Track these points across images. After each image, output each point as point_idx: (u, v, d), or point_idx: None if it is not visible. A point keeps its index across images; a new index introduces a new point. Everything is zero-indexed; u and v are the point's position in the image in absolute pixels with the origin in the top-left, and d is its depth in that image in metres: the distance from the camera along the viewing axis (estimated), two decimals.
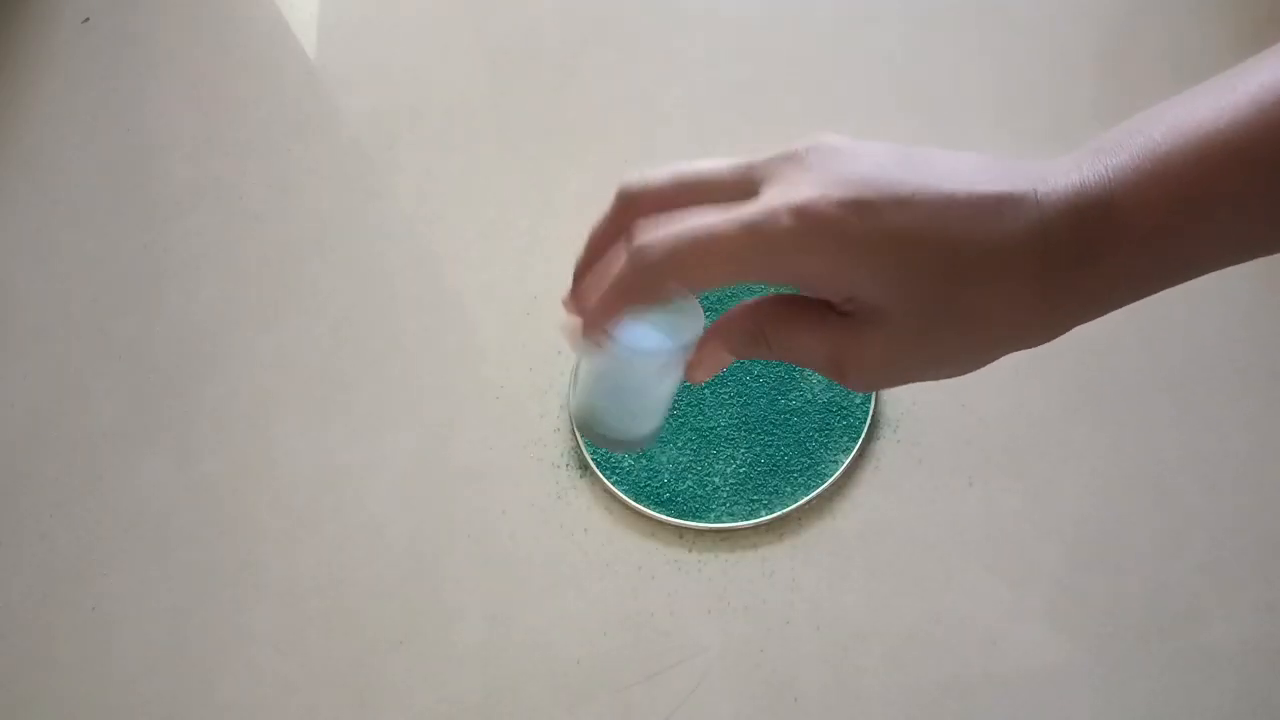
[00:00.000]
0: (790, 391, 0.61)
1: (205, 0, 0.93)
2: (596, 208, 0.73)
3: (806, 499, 0.58)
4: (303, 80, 0.85)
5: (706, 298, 0.65)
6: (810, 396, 0.61)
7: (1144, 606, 0.53)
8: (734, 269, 0.32)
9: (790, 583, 0.56)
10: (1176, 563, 0.54)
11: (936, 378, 0.34)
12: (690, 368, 0.37)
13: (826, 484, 0.58)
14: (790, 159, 0.32)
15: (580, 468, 0.61)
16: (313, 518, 0.63)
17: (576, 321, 0.36)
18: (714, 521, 0.58)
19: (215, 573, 0.62)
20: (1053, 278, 0.30)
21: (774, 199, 0.31)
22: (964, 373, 0.33)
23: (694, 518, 0.58)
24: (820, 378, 0.62)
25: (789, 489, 0.58)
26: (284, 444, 0.66)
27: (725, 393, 0.62)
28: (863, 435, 0.59)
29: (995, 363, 0.61)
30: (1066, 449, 0.58)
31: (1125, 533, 0.55)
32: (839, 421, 0.60)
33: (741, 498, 0.58)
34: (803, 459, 0.59)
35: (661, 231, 0.32)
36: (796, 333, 0.34)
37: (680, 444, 0.61)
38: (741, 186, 0.33)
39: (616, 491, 0.59)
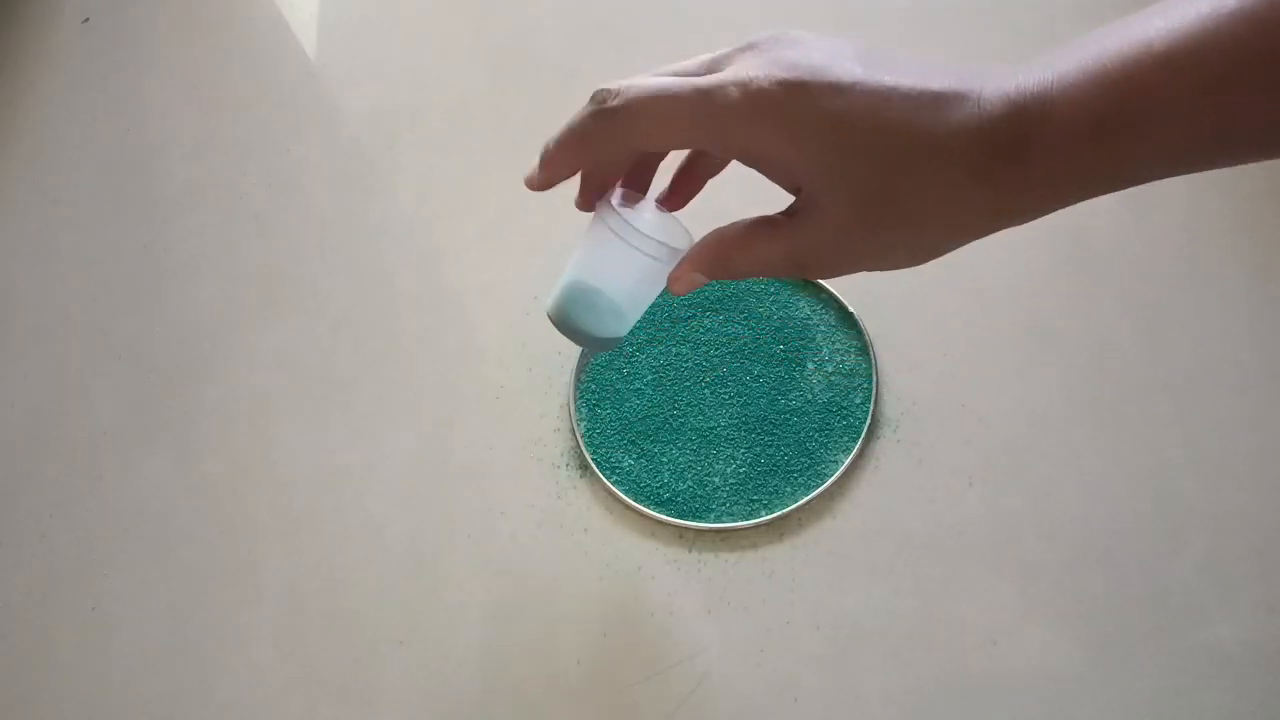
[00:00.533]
0: (790, 391, 0.61)
1: (205, 0, 0.94)
2: None
3: (806, 499, 0.58)
4: (303, 80, 0.85)
5: (703, 298, 0.65)
6: (810, 396, 0.61)
7: (1144, 606, 0.53)
8: (685, 130, 0.34)
9: (790, 583, 0.56)
10: (1176, 563, 0.54)
11: (889, 267, 0.36)
12: (671, 280, 0.40)
13: (826, 484, 0.58)
14: (749, 46, 0.35)
15: (580, 468, 0.61)
16: (313, 518, 0.63)
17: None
18: (714, 521, 0.58)
19: (215, 573, 0.62)
20: (989, 172, 0.31)
21: (728, 74, 0.34)
22: (916, 263, 0.35)
23: (694, 518, 0.58)
24: (820, 377, 0.62)
25: (789, 489, 0.58)
26: (284, 444, 0.66)
27: (725, 393, 0.62)
28: (863, 435, 0.59)
29: (995, 363, 0.62)
30: (1066, 449, 0.58)
31: (1125, 533, 0.55)
32: (839, 421, 0.60)
33: (741, 498, 0.58)
34: (803, 459, 0.59)
35: (624, 85, 0.35)
36: (754, 244, 0.37)
37: (680, 444, 0.61)
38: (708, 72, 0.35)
39: (616, 491, 0.59)
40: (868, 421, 0.60)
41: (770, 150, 0.33)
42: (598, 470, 0.60)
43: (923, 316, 0.64)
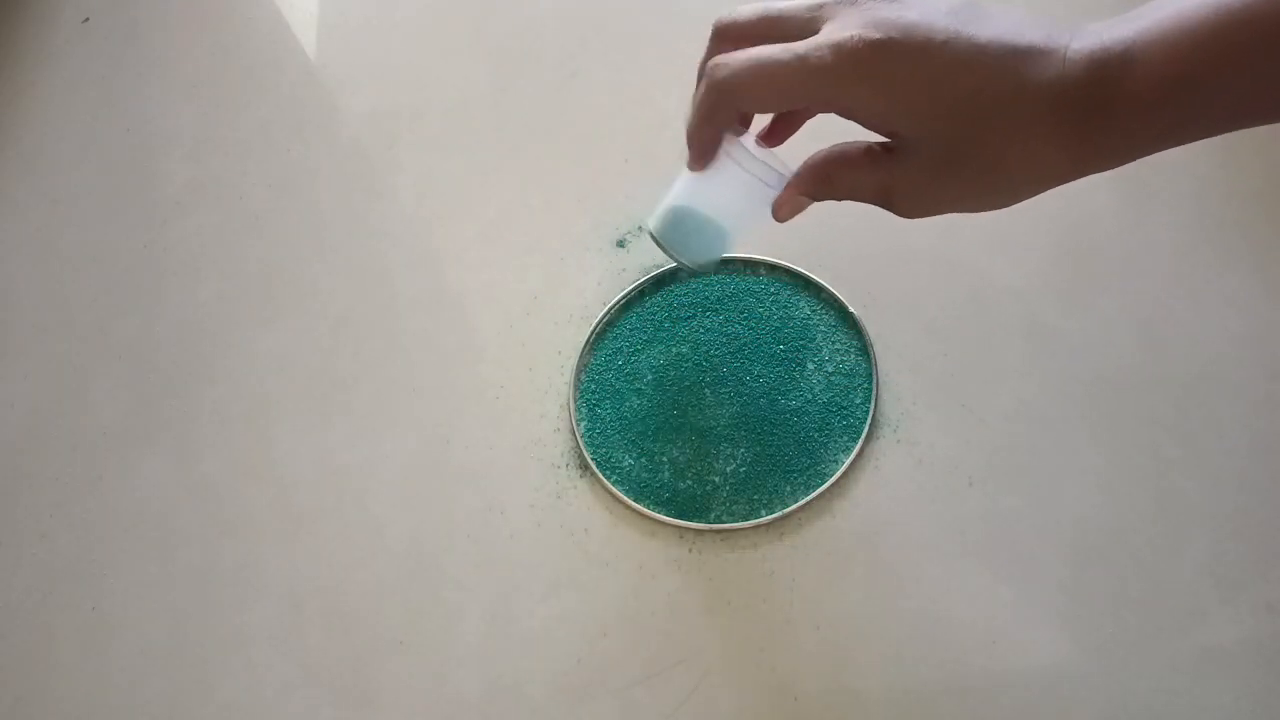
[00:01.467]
0: (790, 391, 0.61)
1: (205, 0, 0.94)
2: (596, 207, 0.74)
3: (806, 499, 0.58)
4: (303, 80, 0.85)
5: (708, 293, 0.65)
6: (810, 396, 0.61)
7: (1144, 606, 0.53)
8: (786, 93, 0.37)
9: (790, 583, 0.56)
10: (1176, 563, 0.54)
11: (971, 210, 0.38)
12: (776, 205, 0.44)
13: (827, 484, 0.58)
14: (850, 2, 0.37)
15: (580, 468, 0.61)
16: (313, 518, 0.63)
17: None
18: (714, 521, 0.58)
19: (215, 573, 0.62)
20: (1072, 127, 0.33)
21: (823, 36, 0.36)
22: (999, 207, 0.38)
23: (694, 518, 0.58)
24: (820, 377, 0.62)
25: (789, 489, 0.58)
26: (284, 444, 0.66)
27: (725, 393, 0.62)
28: (863, 435, 0.59)
29: (994, 362, 0.62)
30: (1066, 448, 0.58)
31: (1125, 533, 0.55)
32: (839, 421, 0.60)
33: (741, 498, 0.58)
34: (803, 459, 0.59)
35: (729, 59, 0.38)
36: (853, 170, 0.40)
37: (680, 444, 0.61)
38: (809, 23, 0.37)
39: (616, 491, 0.59)
40: (868, 421, 0.60)
41: (863, 107, 0.36)
42: (598, 470, 0.60)
43: (923, 316, 0.64)
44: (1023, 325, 0.63)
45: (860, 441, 0.59)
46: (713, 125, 0.41)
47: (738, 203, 0.47)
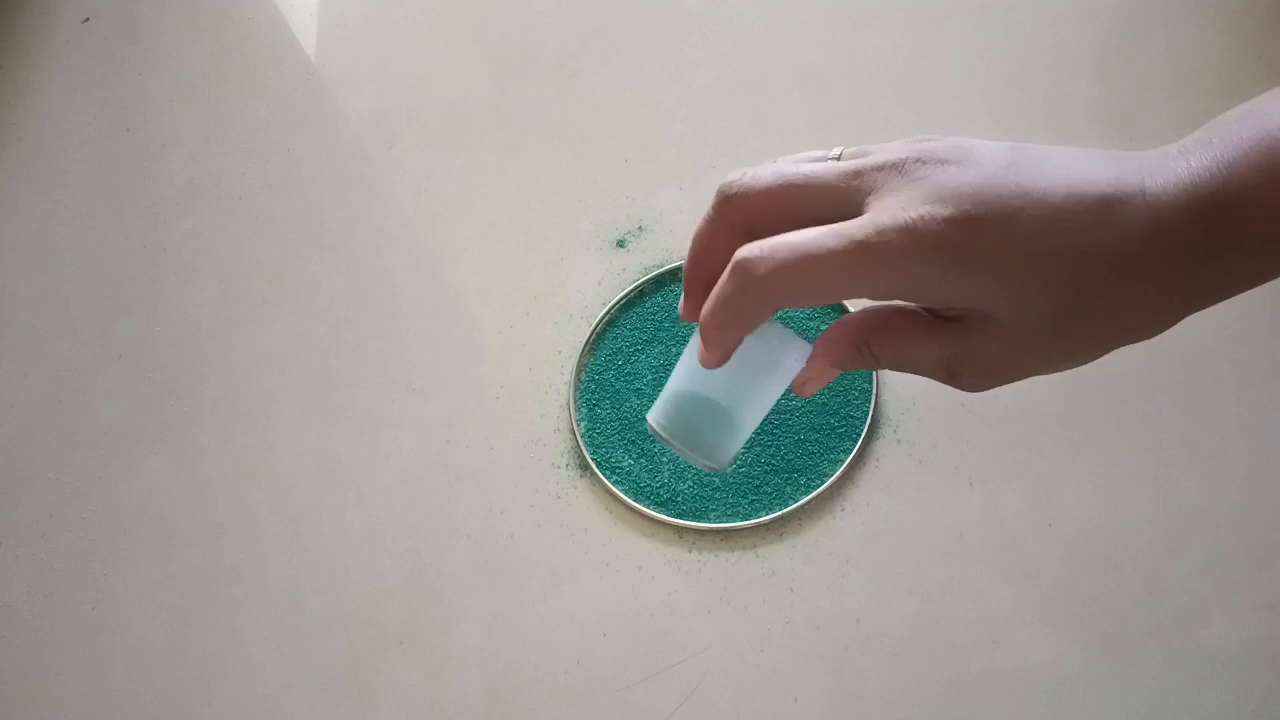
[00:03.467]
0: (790, 391, 0.61)
1: (205, 0, 0.94)
2: (596, 207, 0.74)
3: (806, 499, 0.58)
4: (303, 80, 0.85)
5: None
6: (810, 396, 0.61)
7: (1144, 606, 0.53)
8: (842, 286, 0.32)
9: (790, 583, 0.56)
10: (1176, 563, 0.54)
11: (1053, 371, 0.35)
12: (800, 382, 0.39)
13: (826, 484, 0.58)
14: (895, 169, 0.32)
15: (580, 468, 0.61)
16: (313, 518, 0.63)
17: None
18: (714, 521, 0.58)
19: (215, 573, 0.62)
20: (1170, 275, 0.31)
21: (882, 216, 0.31)
22: (1082, 364, 0.35)
23: (694, 518, 0.58)
24: None
25: (789, 489, 0.58)
26: (284, 444, 0.66)
27: None
28: (863, 435, 0.59)
29: None
30: (1066, 449, 0.58)
31: (1125, 533, 0.55)
32: (839, 421, 0.60)
33: (741, 498, 0.58)
34: (803, 459, 0.59)
35: (767, 250, 0.32)
36: (903, 342, 0.35)
37: None
38: (846, 195, 0.32)
39: (616, 491, 0.59)
40: (868, 421, 0.60)
41: (939, 290, 0.32)
42: (598, 470, 0.60)
43: None
44: None
45: (860, 441, 0.59)
46: (743, 328, 0.35)
47: (757, 380, 0.41)
